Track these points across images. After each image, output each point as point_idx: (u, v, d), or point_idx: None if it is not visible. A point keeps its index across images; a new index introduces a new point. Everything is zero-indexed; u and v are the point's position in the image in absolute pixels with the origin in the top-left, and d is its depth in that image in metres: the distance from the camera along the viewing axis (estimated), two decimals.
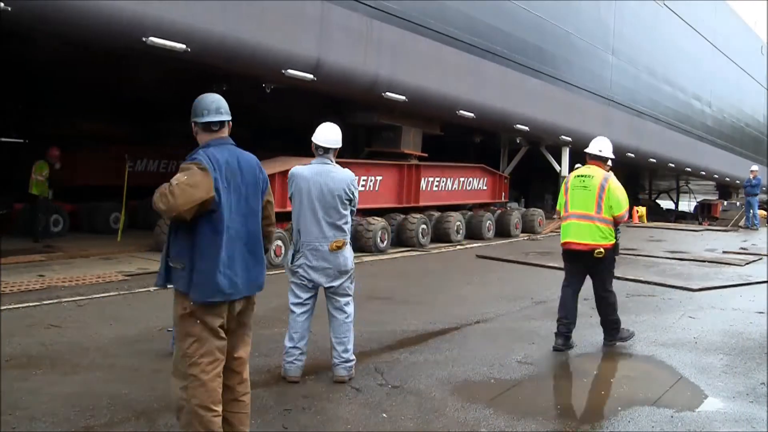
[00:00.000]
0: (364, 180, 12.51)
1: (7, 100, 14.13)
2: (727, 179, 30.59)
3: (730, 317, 7.17)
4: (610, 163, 5.85)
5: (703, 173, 28.05)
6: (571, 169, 18.82)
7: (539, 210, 18.02)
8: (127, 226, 13.13)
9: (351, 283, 4.70)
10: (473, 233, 14.86)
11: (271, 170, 10.61)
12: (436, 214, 14.19)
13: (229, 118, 3.28)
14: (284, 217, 10.05)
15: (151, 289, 7.60)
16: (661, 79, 23.28)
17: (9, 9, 7.17)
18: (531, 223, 16.97)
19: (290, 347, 4.60)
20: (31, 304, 6.70)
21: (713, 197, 32.25)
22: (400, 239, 12.96)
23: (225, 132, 3.27)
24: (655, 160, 23.55)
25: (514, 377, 4.86)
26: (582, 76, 18.43)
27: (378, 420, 3.95)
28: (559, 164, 19.13)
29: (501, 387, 4.65)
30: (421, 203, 14.02)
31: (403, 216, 13.26)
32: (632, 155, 21.15)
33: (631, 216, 22.41)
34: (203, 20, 8.92)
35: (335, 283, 4.59)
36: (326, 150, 4.68)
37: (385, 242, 12.25)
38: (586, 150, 5.86)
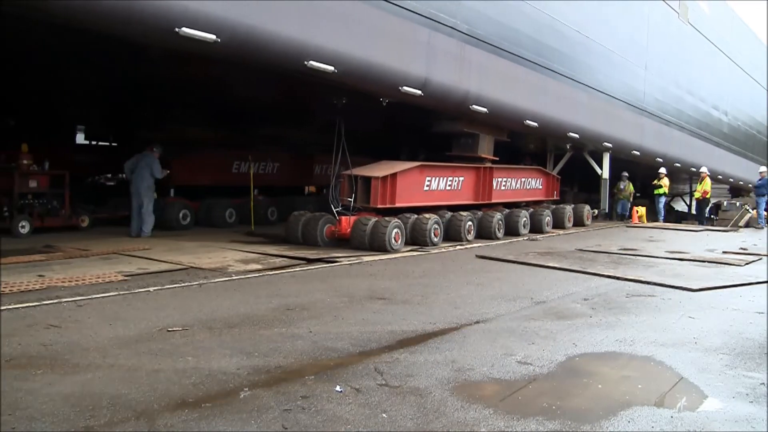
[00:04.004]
0: (450, 180, 14.81)
1: (132, 108, 16.56)
2: (741, 183, 32.60)
3: (730, 317, 7.17)
4: None
5: (720, 177, 29.75)
6: (612, 173, 21.25)
7: (587, 206, 20.15)
8: (237, 221, 15.88)
9: None
10: (533, 227, 16.75)
11: (380, 173, 12.94)
12: (506, 210, 16.22)
13: None
14: (390, 212, 12.86)
15: (151, 289, 7.59)
16: (685, 90, 25.20)
17: (219, 40, 8.78)
18: (580, 217, 19.18)
19: None
20: (31, 304, 6.70)
21: (724, 199, 33.25)
22: (479, 232, 14.80)
23: None
24: (679, 165, 25.34)
25: (514, 377, 4.86)
26: (620, 89, 20.30)
27: (378, 420, 3.95)
28: (601, 168, 21.16)
29: (501, 387, 4.65)
30: (493, 200, 16.13)
31: (481, 212, 15.29)
32: (660, 160, 23.33)
33: (631, 216, 22.63)
34: (348, 46, 10.81)
35: None
36: None
37: (471, 234, 14.31)
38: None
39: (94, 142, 20.54)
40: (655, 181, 23.30)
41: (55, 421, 3.77)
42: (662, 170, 23.25)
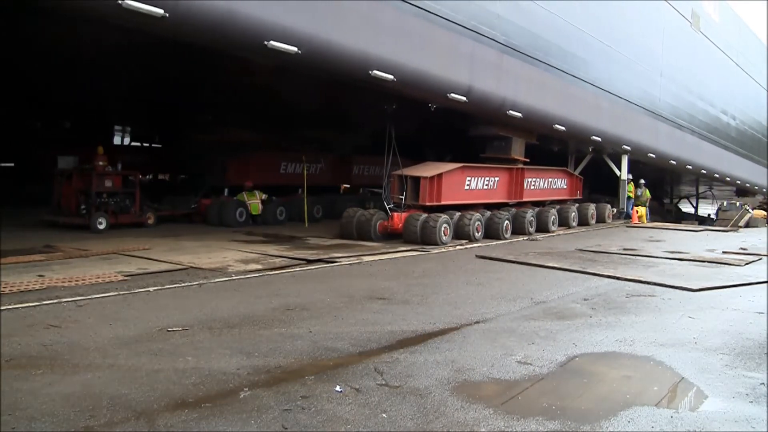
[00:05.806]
0: (487, 180, 15.92)
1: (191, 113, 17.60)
2: (747, 185, 33.66)
3: (730, 317, 7.17)
4: None
5: (728, 179, 30.72)
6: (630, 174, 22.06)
7: (608, 205, 21.41)
8: (287, 218, 17.10)
9: None
10: (561, 222, 18.11)
11: (428, 173, 13.96)
12: (537, 208, 17.35)
13: None
14: (436, 210, 13.86)
15: (151, 289, 7.60)
16: (696, 95, 26.19)
17: (299, 52, 9.68)
18: (602, 215, 20.62)
19: None
20: (31, 304, 6.70)
21: (728, 201, 33.60)
22: (513, 228, 15.73)
23: None
24: (691, 167, 26.26)
25: (514, 377, 4.86)
26: (638, 95, 21.25)
27: (378, 420, 3.95)
28: (619, 169, 22.26)
29: (501, 387, 4.65)
30: (524, 199, 17.28)
31: (515, 209, 16.36)
32: (674, 162, 24.40)
33: (630, 216, 22.63)
34: (405, 57, 11.86)
35: None
36: None
37: (509, 231, 15.35)
38: None
39: (136, 144, 22.04)
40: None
41: (55, 421, 3.77)
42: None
